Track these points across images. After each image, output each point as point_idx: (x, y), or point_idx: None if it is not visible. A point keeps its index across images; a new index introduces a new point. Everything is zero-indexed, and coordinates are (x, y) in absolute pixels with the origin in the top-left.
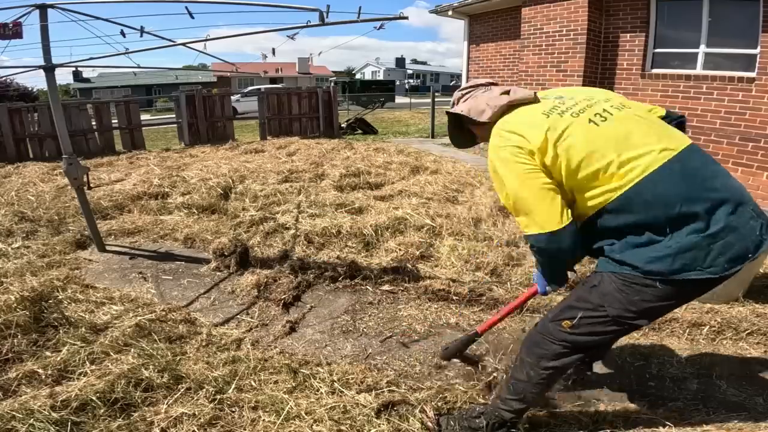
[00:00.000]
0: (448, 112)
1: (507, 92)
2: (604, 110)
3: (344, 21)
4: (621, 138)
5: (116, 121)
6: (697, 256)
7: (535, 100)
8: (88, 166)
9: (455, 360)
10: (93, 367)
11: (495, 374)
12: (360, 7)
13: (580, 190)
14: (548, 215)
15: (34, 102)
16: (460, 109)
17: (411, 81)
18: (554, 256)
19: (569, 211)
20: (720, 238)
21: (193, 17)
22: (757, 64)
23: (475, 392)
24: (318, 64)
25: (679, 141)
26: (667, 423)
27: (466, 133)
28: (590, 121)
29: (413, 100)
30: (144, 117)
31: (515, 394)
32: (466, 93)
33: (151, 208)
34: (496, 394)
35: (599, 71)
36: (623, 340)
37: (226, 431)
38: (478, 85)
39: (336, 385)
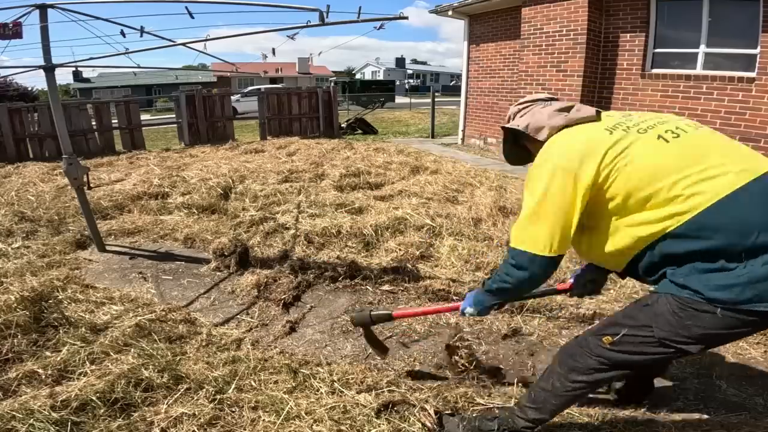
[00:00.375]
0: (504, 128)
1: (567, 109)
2: (677, 128)
3: (344, 21)
4: (694, 156)
5: (116, 121)
6: None
7: (596, 118)
8: (88, 166)
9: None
10: (93, 367)
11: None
12: (360, 7)
13: (639, 211)
14: (554, 239)
15: (34, 102)
16: (517, 123)
17: (411, 81)
18: (528, 281)
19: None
20: None
21: (193, 17)
22: (757, 64)
23: (474, 392)
24: (318, 64)
25: (763, 163)
26: (667, 423)
27: (522, 149)
28: (659, 137)
29: (413, 100)
30: (144, 117)
31: (534, 402)
32: (524, 108)
33: (151, 208)
34: (517, 400)
35: (599, 71)
36: None
37: (226, 431)
38: (536, 100)
39: (336, 385)
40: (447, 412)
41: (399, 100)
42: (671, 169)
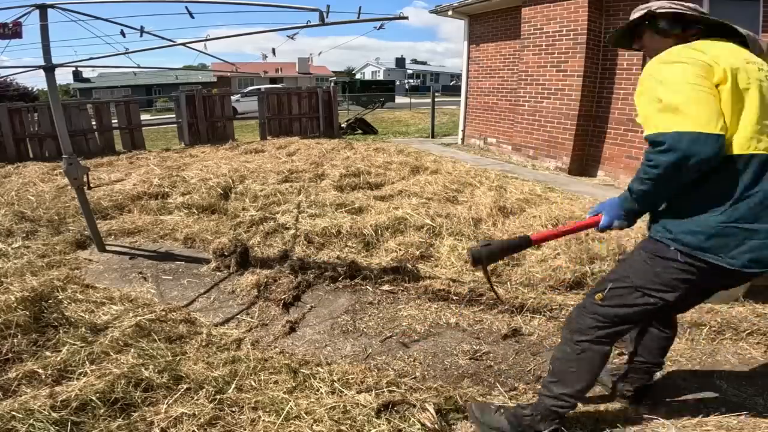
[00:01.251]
0: (650, 12)
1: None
2: None
3: (344, 21)
4: None
5: (116, 121)
6: (727, 243)
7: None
8: (88, 166)
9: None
10: (93, 367)
11: None
12: (360, 7)
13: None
14: (710, 116)
15: (34, 102)
16: (670, 6)
17: (411, 81)
18: (683, 166)
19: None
20: (762, 237)
21: (193, 17)
22: None
23: (476, 392)
24: (318, 64)
25: None
26: (667, 423)
27: (629, 39)
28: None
29: (413, 100)
30: (144, 117)
31: (554, 375)
32: (673, 3)
33: (151, 208)
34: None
35: (599, 71)
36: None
37: (226, 431)
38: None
39: (336, 385)
40: (477, 401)
41: (399, 100)
42: (761, 112)
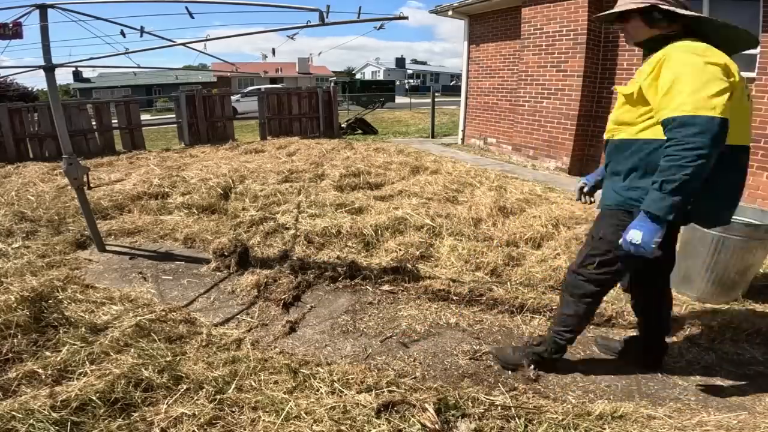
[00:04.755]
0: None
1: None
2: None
3: (344, 21)
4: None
5: (116, 121)
6: None
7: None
8: (88, 166)
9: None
10: (93, 367)
11: None
12: (360, 7)
13: None
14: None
15: (34, 102)
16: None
17: (411, 81)
18: (715, 149)
19: None
20: None
21: (193, 17)
22: (757, 64)
23: (476, 392)
24: (318, 64)
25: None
26: (668, 422)
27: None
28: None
29: (413, 100)
30: (144, 117)
31: (567, 326)
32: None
33: (151, 208)
34: (550, 329)
35: (599, 71)
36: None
37: (226, 431)
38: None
39: (336, 385)
40: (495, 347)
41: (399, 100)
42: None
